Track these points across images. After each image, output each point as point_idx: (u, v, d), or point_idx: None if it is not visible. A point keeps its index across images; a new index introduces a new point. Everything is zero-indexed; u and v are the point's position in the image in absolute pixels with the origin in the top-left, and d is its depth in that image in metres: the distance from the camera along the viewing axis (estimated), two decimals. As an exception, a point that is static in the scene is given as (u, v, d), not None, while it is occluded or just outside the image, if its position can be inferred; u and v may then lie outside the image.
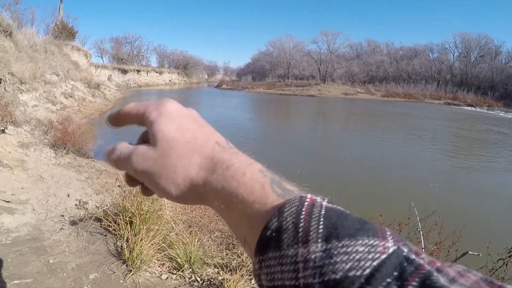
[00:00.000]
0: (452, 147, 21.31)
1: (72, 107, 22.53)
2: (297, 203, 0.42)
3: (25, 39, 22.15)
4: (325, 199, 0.44)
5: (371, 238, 0.37)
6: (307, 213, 0.40)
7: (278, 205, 0.43)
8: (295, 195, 0.44)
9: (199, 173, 0.50)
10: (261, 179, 0.47)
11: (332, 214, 0.40)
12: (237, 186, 0.47)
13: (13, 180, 7.74)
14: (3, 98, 11.91)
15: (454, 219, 7.65)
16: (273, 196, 0.45)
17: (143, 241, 4.42)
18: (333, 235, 0.38)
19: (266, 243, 0.41)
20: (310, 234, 0.39)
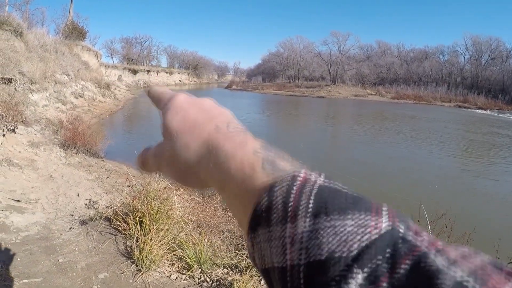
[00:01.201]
0: (461, 150, 21.18)
1: (82, 107, 22.61)
2: (289, 181, 0.40)
3: (35, 39, 22.27)
4: (321, 175, 0.42)
5: (362, 213, 0.35)
6: (298, 190, 0.39)
7: (269, 184, 0.42)
8: (288, 173, 0.42)
9: (197, 159, 0.51)
10: (252, 159, 0.46)
11: (325, 190, 0.39)
12: (228, 168, 0.47)
13: (23, 180, 7.76)
14: (14, 98, 11.97)
15: (464, 222, 7.58)
16: (263, 175, 0.44)
17: (153, 241, 4.41)
18: (322, 211, 0.36)
19: (257, 221, 0.40)
20: (299, 211, 0.37)
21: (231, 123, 0.53)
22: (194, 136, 0.51)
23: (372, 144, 21.47)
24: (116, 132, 19.25)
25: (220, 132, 0.50)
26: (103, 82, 32.84)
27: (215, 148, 0.49)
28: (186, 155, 0.51)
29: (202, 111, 0.55)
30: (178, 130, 0.53)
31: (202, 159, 0.50)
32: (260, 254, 0.40)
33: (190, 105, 0.56)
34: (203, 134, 0.51)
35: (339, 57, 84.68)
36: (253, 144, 0.48)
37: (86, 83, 27.78)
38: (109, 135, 15.61)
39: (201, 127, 0.52)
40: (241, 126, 0.53)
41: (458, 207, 10.12)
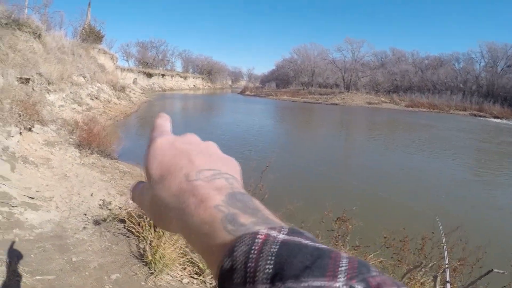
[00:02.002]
0: (477, 161, 20.88)
1: (98, 109, 22.78)
2: (249, 241, 0.40)
3: (53, 41, 22.49)
4: (283, 230, 0.41)
5: (318, 278, 0.34)
6: (258, 251, 0.38)
7: (230, 243, 0.41)
8: (249, 231, 0.42)
9: (168, 209, 0.50)
10: (212, 217, 0.45)
11: (284, 249, 0.38)
12: (191, 225, 0.46)
13: (38, 177, 7.83)
14: (31, 97, 12.08)
15: (479, 234, 7.50)
16: (223, 234, 0.43)
17: (166, 245, 4.43)
18: (278, 276, 0.35)
19: (222, 282, 0.40)
20: (257, 274, 0.36)
21: (203, 168, 0.52)
22: (166, 186, 0.51)
23: (385, 153, 21.31)
24: (130, 134, 19.35)
25: (188, 183, 0.50)
26: (119, 85, 33.06)
27: (181, 202, 0.48)
28: (160, 204, 0.51)
29: (178, 154, 0.54)
30: (154, 177, 0.53)
31: (172, 211, 0.50)
32: None
33: (168, 147, 0.56)
34: (173, 184, 0.51)
35: (353, 64, 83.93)
36: (216, 199, 0.47)
37: (102, 85, 27.98)
38: (123, 137, 15.71)
39: (173, 176, 0.51)
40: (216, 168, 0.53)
41: (473, 219, 10.03)
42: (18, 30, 17.16)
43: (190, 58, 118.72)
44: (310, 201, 8.82)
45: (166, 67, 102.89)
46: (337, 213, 6.15)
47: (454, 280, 4.69)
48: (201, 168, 0.52)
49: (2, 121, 9.03)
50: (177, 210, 0.48)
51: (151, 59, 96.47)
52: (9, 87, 11.63)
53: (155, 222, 0.56)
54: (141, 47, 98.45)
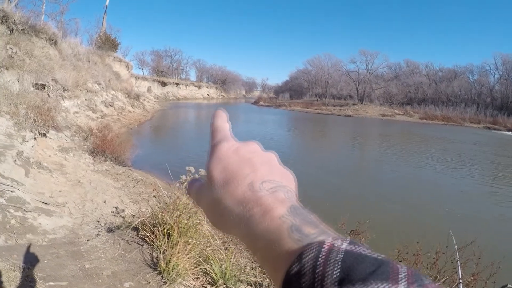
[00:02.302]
0: (491, 175, 20.60)
1: (112, 116, 22.95)
2: (316, 249, 0.43)
3: (69, 48, 22.79)
4: (345, 241, 0.44)
5: (383, 282, 0.37)
6: (325, 258, 0.41)
7: (298, 250, 0.44)
8: (315, 240, 0.45)
9: (231, 215, 0.53)
10: (278, 226, 0.48)
11: (349, 257, 0.41)
12: (256, 233, 0.49)
13: (51, 183, 7.86)
14: (46, 103, 12.18)
15: (493, 250, 7.39)
16: (289, 242, 0.46)
17: (180, 254, 4.40)
18: (346, 280, 0.38)
19: (288, 286, 0.42)
20: (325, 279, 0.39)
21: (267, 180, 0.55)
22: (230, 192, 0.54)
23: (398, 165, 21.14)
24: (144, 142, 19.44)
25: (252, 192, 0.53)
26: (133, 93, 33.39)
27: (246, 210, 0.51)
28: (222, 208, 0.54)
29: (243, 162, 0.57)
30: (217, 181, 0.56)
31: (235, 217, 0.53)
32: None
33: (233, 154, 0.58)
34: (238, 192, 0.54)
35: (367, 75, 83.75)
36: (280, 209, 0.50)
37: (117, 93, 28.23)
38: (137, 144, 15.76)
39: (237, 184, 0.54)
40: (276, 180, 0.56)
41: (487, 233, 9.88)
42: (35, 37, 17.41)
43: (205, 67, 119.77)
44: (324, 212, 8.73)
45: (180, 76, 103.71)
46: (351, 225, 6.11)
47: (468, 295, 4.63)
48: (264, 179, 0.55)
49: (17, 126, 9.09)
50: (241, 217, 0.52)
51: (166, 67, 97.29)
52: (24, 93, 11.75)
53: (212, 223, 0.59)
54: (155, 56, 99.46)
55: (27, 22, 16.89)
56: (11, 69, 12.80)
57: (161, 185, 6.87)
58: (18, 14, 16.36)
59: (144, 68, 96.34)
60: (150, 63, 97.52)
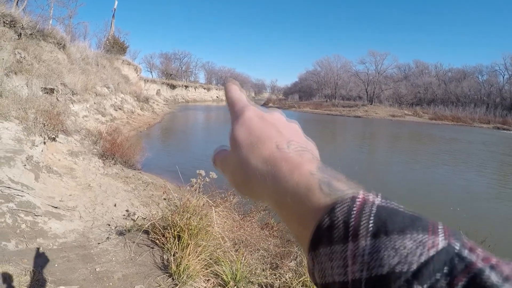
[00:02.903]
0: (501, 175, 20.52)
1: (121, 119, 23.02)
2: (349, 202, 0.42)
3: (77, 52, 22.91)
4: (378, 195, 0.43)
5: (420, 233, 0.37)
6: (358, 211, 0.40)
7: (329, 204, 0.43)
8: (347, 194, 0.44)
9: (256, 174, 0.52)
10: (308, 181, 0.47)
11: (383, 211, 0.40)
12: (285, 188, 0.48)
13: (61, 187, 7.87)
14: (55, 108, 12.23)
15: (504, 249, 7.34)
16: (320, 195, 0.45)
17: (190, 256, 4.39)
18: (382, 231, 0.38)
19: (318, 240, 0.42)
20: (359, 230, 0.39)
21: (292, 142, 0.54)
22: (256, 152, 0.53)
23: (407, 166, 21.12)
24: (154, 145, 19.46)
25: (280, 152, 0.52)
26: (142, 96, 33.45)
27: (273, 167, 0.51)
28: (248, 168, 0.54)
29: (268, 126, 0.57)
30: (242, 144, 0.55)
31: (261, 175, 0.52)
32: (320, 270, 0.41)
33: (257, 119, 0.58)
34: (264, 151, 0.53)
35: (376, 76, 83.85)
36: (309, 166, 0.49)
37: (126, 96, 28.31)
38: (146, 147, 15.78)
39: (263, 144, 0.54)
40: (303, 143, 0.56)
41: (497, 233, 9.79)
42: (43, 41, 17.49)
43: (213, 69, 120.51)
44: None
45: (189, 79, 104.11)
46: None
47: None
48: (290, 139, 0.54)
49: (26, 131, 9.12)
50: (268, 174, 0.51)
51: (175, 70, 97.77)
52: (33, 97, 11.81)
53: (237, 186, 0.58)
54: (164, 59, 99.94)
55: (35, 27, 16.98)
56: (20, 74, 12.87)
57: (171, 187, 6.88)
58: (26, 18, 16.46)
59: (153, 71, 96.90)
60: (159, 66, 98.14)
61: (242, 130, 0.57)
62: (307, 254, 0.45)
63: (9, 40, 14.22)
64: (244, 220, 6.62)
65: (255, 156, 0.53)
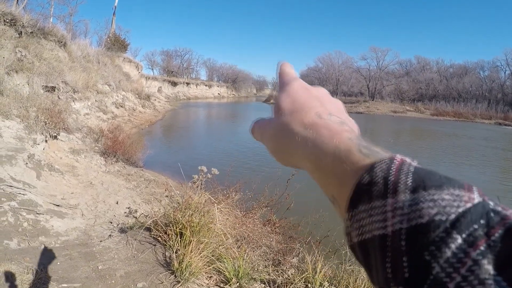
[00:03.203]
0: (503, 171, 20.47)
1: (123, 117, 22.99)
2: (388, 161, 0.43)
3: (78, 50, 22.87)
4: (414, 160, 0.45)
5: (456, 189, 0.38)
6: (397, 169, 0.42)
7: (368, 163, 0.45)
8: (385, 155, 0.45)
9: (298, 138, 0.55)
10: (348, 144, 0.49)
11: (421, 170, 0.41)
12: (326, 149, 0.50)
13: (63, 185, 7.87)
14: (57, 106, 12.21)
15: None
16: (360, 156, 0.47)
17: (192, 253, 4.39)
18: (420, 186, 0.39)
19: (358, 198, 0.43)
20: (398, 186, 0.40)
21: (334, 114, 0.57)
22: (298, 118, 0.56)
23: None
24: (155, 143, 19.43)
25: (321, 119, 0.55)
26: (143, 93, 33.43)
27: (315, 131, 0.53)
28: (289, 133, 0.56)
29: (311, 97, 0.60)
30: (286, 110, 0.58)
31: (302, 139, 0.54)
32: (358, 228, 0.42)
33: (303, 91, 0.61)
34: (306, 118, 0.55)
35: (378, 72, 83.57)
36: (348, 134, 0.51)
37: (127, 93, 28.29)
38: (148, 145, 15.76)
39: (306, 112, 0.56)
40: (343, 118, 0.58)
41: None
42: (44, 39, 17.47)
43: (215, 66, 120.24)
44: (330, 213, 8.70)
45: (190, 76, 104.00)
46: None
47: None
48: (331, 112, 0.57)
49: (28, 129, 9.12)
50: (308, 137, 0.53)
51: (176, 67, 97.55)
52: (34, 96, 11.79)
53: (275, 152, 0.61)
54: (165, 56, 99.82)
55: (36, 25, 16.94)
56: (21, 72, 12.86)
57: (173, 185, 6.87)
58: (26, 17, 16.42)
59: (154, 68, 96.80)
60: (160, 63, 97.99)
61: (287, 98, 0.60)
62: (345, 213, 0.45)
63: (9, 39, 14.20)
64: (246, 217, 6.61)
65: (297, 122, 0.56)
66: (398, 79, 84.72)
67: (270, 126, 0.61)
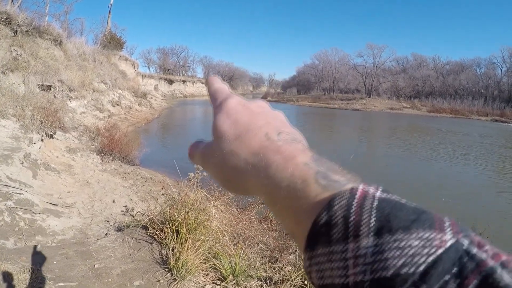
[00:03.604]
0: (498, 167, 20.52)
1: (119, 115, 22.99)
2: (348, 196, 0.39)
3: (74, 48, 22.85)
4: (379, 188, 0.41)
5: (427, 230, 0.34)
6: (358, 205, 0.38)
7: (326, 198, 0.41)
8: (345, 187, 0.41)
9: (247, 167, 0.49)
10: (304, 172, 0.44)
11: (385, 205, 0.37)
12: (279, 180, 0.45)
13: (60, 184, 7.87)
14: (53, 104, 12.20)
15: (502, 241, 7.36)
16: (317, 189, 0.42)
17: (189, 251, 4.40)
18: (386, 228, 0.35)
19: (315, 238, 0.40)
20: (361, 228, 0.36)
21: (282, 131, 0.51)
22: (244, 143, 0.50)
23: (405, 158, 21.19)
24: (152, 141, 19.43)
25: (270, 142, 0.49)
26: (140, 91, 33.41)
27: (265, 158, 0.48)
28: (236, 161, 0.50)
29: (254, 115, 0.54)
30: (228, 134, 0.52)
31: (252, 168, 0.49)
32: (318, 271, 0.39)
33: (242, 108, 0.55)
34: (253, 142, 0.50)
35: (374, 69, 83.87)
36: (303, 156, 0.47)
37: (123, 91, 28.27)
38: (145, 143, 15.76)
39: (252, 134, 0.51)
40: (292, 133, 0.52)
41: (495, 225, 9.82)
42: (39, 38, 17.46)
43: (211, 64, 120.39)
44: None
45: (187, 73, 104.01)
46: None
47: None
48: (280, 130, 0.51)
49: (24, 128, 9.11)
50: (259, 166, 0.48)
51: (172, 65, 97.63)
52: (30, 95, 11.78)
53: (223, 182, 0.55)
54: (162, 54, 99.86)
55: (31, 24, 16.93)
56: (16, 71, 12.84)
57: (169, 182, 6.86)
58: (21, 15, 16.39)
59: (151, 66, 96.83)
60: (157, 61, 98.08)
61: (227, 121, 0.53)
62: (303, 253, 0.42)
63: (5, 38, 14.17)
64: (243, 214, 6.62)
65: (243, 148, 0.50)
66: (395, 76, 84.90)
67: (213, 154, 0.54)
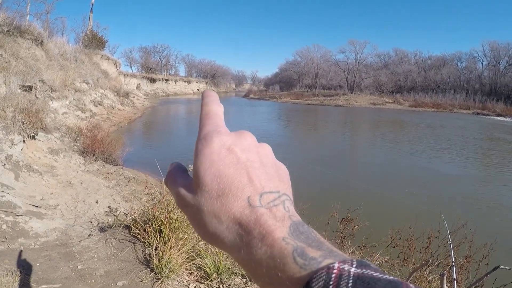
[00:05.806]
0: (481, 159, 20.78)
1: (101, 115, 22.83)
2: (325, 277, 0.40)
3: (55, 48, 22.62)
4: (353, 263, 0.41)
5: None
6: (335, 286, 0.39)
7: (303, 277, 0.42)
8: (321, 266, 0.42)
9: (226, 233, 0.48)
10: (282, 250, 0.44)
11: (360, 284, 0.38)
12: (259, 256, 0.45)
13: (42, 185, 7.82)
14: (34, 105, 12.08)
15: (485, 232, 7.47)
16: (295, 268, 0.43)
17: (172, 250, 4.41)
18: None
19: None
20: None
21: (264, 193, 0.49)
22: (226, 207, 0.48)
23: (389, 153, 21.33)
24: (135, 140, 19.36)
25: (251, 209, 0.48)
26: (122, 91, 33.16)
27: (246, 232, 0.47)
28: (216, 225, 0.49)
29: (239, 166, 0.51)
30: (210, 190, 0.49)
31: (233, 239, 0.48)
32: None
33: (227, 154, 0.51)
34: (234, 208, 0.48)
35: (356, 65, 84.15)
36: (282, 230, 0.46)
37: (105, 91, 28.07)
38: (127, 143, 15.70)
39: (233, 198, 0.48)
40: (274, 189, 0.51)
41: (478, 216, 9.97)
42: (20, 37, 17.25)
43: (194, 62, 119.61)
44: (317, 201, 8.80)
45: (169, 72, 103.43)
46: (343, 213, 6.15)
47: (461, 277, 4.72)
48: (262, 190, 0.50)
49: (5, 130, 9.03)
50: (239, 240, 0.47)
51: (155, 64, 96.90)
52: (11, 95, 11.65)
53: (202, 236, 0.52)
54: (144, 52, 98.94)
55: (12, 23, 16.72)
56: (-3, 72, 12.71)
57: (152, 182, 6.88)
58: (2, 15, 16.20)
59: (133, 65, 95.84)
60: (139, 60, 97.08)
61: (211, 169, 0.50)
62: None
63: (-16, 38, 14.03)
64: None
65: (224, 212, 0.48)
66: (377, 72, 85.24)
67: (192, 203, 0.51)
